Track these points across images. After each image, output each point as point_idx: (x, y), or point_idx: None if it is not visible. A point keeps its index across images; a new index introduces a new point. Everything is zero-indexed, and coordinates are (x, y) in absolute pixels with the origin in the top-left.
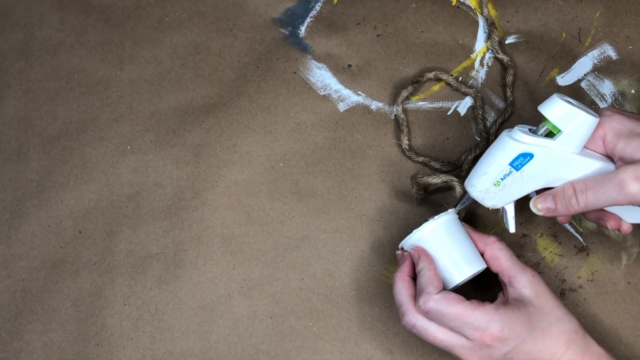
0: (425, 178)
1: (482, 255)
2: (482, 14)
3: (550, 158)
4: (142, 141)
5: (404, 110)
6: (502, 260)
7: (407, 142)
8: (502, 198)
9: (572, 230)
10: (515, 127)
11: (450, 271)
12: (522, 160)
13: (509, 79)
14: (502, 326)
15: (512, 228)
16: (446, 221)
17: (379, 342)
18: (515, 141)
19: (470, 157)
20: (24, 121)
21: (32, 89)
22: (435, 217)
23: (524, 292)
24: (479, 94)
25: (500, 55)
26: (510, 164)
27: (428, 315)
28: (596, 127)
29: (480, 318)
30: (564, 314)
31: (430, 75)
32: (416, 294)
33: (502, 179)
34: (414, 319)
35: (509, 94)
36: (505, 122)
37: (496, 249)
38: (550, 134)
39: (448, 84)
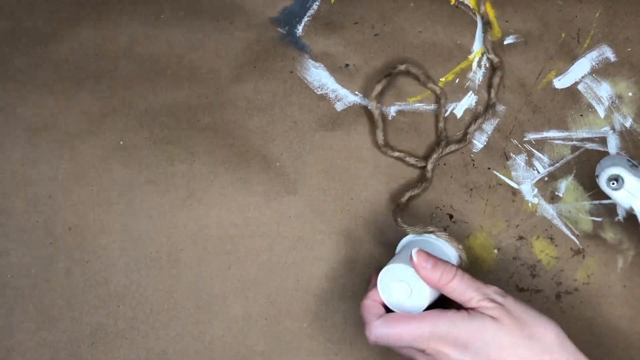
0: (405, 228)
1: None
2: (479, 12)
3: None
4: (136, 137)
5: (378, 106)
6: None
7: (382, 137)
8: None
9: (568, 232)
10: None
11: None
12: None
13: (496, 80)
14: (446, 333)
15: None
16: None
17: None
18: None
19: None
20: (4, 110)
21: (16, 77)
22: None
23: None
24: (444, 95)
25: (491, 55)
26: None
27: (378, 342)
28: None
29: (419, 331)
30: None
31: (402, 67)
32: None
33: None
34: (372, 339)
35: (492, 94)
36: (485, 122)
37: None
38: None
39: (417, 78)
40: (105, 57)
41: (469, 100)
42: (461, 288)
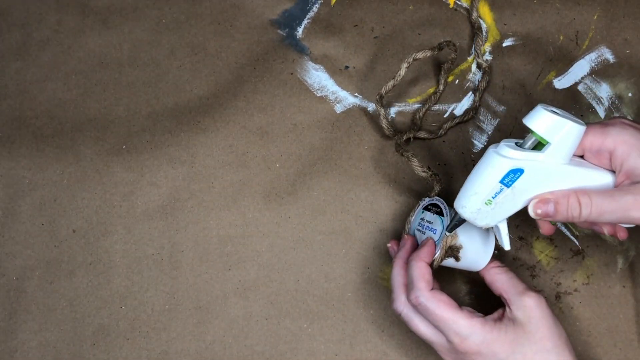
0: (413, 162)
1: (483, 276)
2: (470, 18)
3: (540, 171)
4: (138, 141)
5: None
6: (499, 284)
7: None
8: (494, 217)
9: (568, 233)
10: (502, 142)
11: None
12: (512, 176)
13: (482, 84)
14: (482, 341)
15: (506, 246)
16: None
17: (374, 344)
18: (503, 157)
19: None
20: (18, 120)
21: (28, 89)
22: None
23: (517, 315)
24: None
25: (480, 60)
26: (501, 182)
27: (417, 309)
28: (605, 138)
29: (464, 328)
30: (553, 346)
31: (453, 52)
32: (407, 283)
33: (493, 198)
34: (401, 307)
35: (476, 98)
36: (462, 123)
37: (493, 273)
38: (538, 146)
39: (449, 62)
40: (110, 65)
41: (469, 101)
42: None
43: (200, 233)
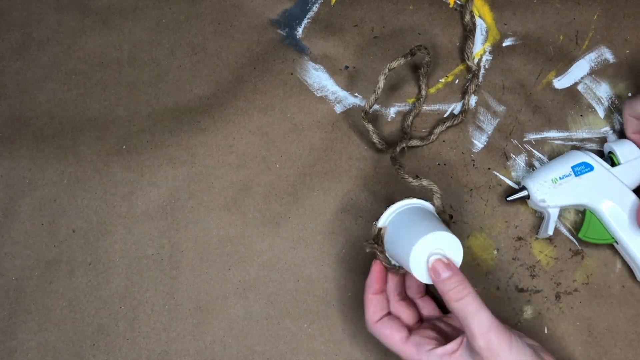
0: (405, 177)
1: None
2: (463, 20)
3: (605, 178)
4: (138, 141)
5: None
6: (452, 308)
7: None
8: (552, 197)
9: (567, 233)
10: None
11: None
12: (582, 168)
13: (471, 87)
14: None
15: (550, 231)
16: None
17: (374, 344)
18: (583, 152)
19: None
20: (18, 120)
21: (28, 89)
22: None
23: (474, 345)
24: (424, 97)
25: (470, 62)
26: (572, 167)
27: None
28: None
29: (410, 355)
30: None
31: (427, 56)
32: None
33: (560, 178)
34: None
35: (465, 100)
36: (453, 127)
37: (449, 295)
38: (612, 164)
39: (423, 68)
40: (110, 65)
41: (471, 102)
42: (464, 313)
43: (200, 233)
